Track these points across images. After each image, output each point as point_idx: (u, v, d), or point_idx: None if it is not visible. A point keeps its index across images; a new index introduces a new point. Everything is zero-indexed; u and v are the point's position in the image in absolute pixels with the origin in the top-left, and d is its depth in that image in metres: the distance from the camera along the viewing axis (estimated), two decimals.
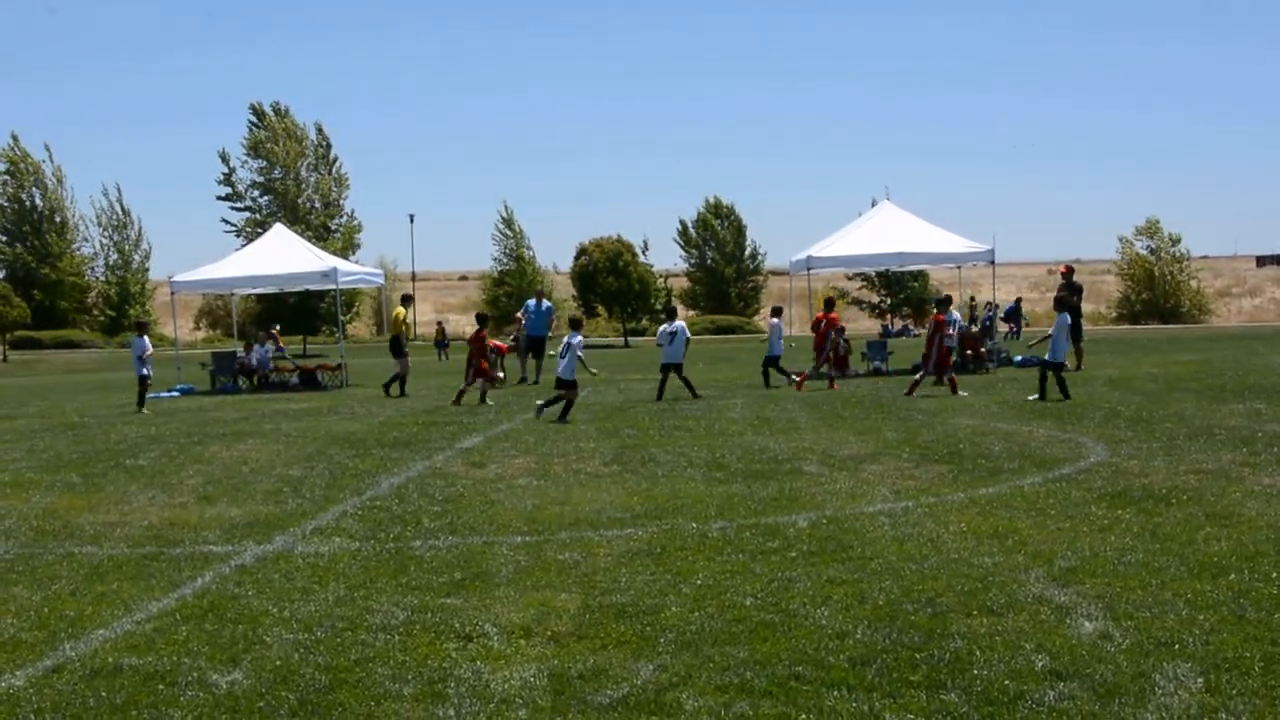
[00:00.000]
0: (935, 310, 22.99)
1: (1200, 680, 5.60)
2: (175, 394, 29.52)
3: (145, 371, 24.40)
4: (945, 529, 9.26)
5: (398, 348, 26.72)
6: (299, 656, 6.47)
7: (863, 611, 6.98)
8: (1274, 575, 7.47)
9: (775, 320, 26.22)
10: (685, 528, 9.70)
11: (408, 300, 29.43)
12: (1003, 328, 49.79)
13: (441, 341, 53.16)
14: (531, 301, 31.17)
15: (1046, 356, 19.90)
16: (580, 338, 19.97)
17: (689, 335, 23.44)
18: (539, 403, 19.58)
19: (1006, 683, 5.66)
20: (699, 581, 7.84)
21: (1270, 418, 15.99)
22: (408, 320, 27.35)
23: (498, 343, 25.81)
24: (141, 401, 24.09)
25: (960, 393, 20.78)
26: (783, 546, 8.81)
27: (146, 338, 25.80)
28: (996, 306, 48.69)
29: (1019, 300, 59.13)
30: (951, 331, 23.22)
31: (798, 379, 23.89)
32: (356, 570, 8.54)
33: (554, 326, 29.17)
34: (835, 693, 5.62)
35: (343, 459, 14.81)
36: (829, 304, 26.63)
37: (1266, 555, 8.01)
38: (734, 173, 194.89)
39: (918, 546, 8.66)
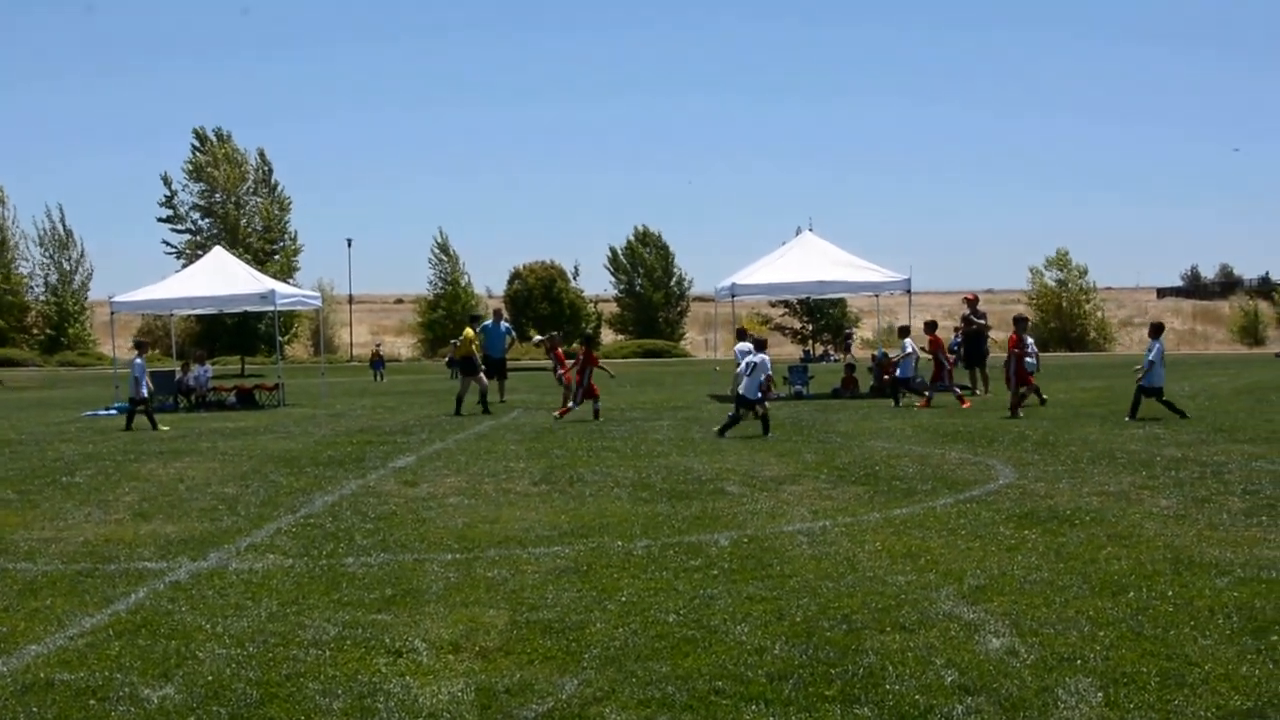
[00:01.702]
0: (1014, 330, 22.71)
1: (1100, 694, 5.82)
2: (113, 412, 29.29)
3: (145, 392, 24.11)
4: (861, 548, 9.51)
5: (470, 367, 26.59)
6: (231, 671, 6.54)
7: (781, 628, 7.18)
8: (1170, 593, 7.76)
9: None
10: (611, 546, 9.89)
11: (476, 320, 29.37)
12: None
13: (378, 363, 53.01)
14: (489, 322, 31.21)
15: (1142, 382, 20.50)
16: (765, 357, 19.77)
17: (769, 372, 20.68)
18: (718, 427, 19.37)
19: (917, 697, 5.84)
20: (623, 598, 8.01)
21: (1168, 442, 16.58)
22: (477, 341, 27.12)
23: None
24: (154, 422, 23.65)
25: (1019, 413, 20.90)
26: (705, 564, 9.02)
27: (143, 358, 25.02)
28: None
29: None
30: (1029, 352, 23.26)
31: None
32: (289, 587, 8.63)
33: (510, 347, 29.24)
34: (753, 707, 5.77)
35: (278, 477, 14.87)
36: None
37: (1163, 574, 8.32)
38: (662, 198, 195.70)
39: (834, 565, 8.89)
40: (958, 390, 25.52)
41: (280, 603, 8.13)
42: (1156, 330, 21.49)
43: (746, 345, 19.97)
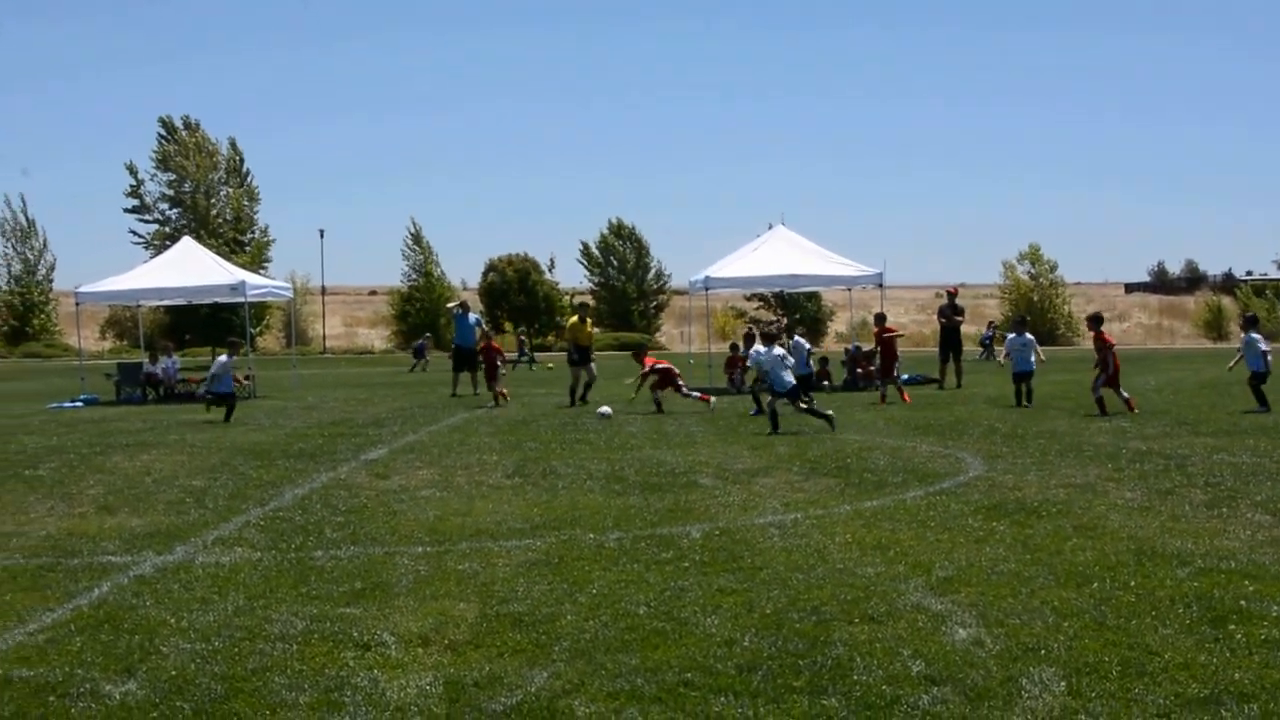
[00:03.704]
0: (1097, 329, 21.71)
1: (1063, 684, 5.86)
2: (79, 404, 29.11)
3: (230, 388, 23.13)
4: (831, 540, 9.55)
5: (585, 356, 25.82)
6: (195, 666, 6.51)
7: (750, 620, 7.20)
8: (1133, 584, 7.82)
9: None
10: (583, 538, 9.89)
11: (584, 309, 28.88)
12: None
13: (420, 351, 51.31)
14: (459, 313, 30.97)
15: (1253, 369, 20.48)
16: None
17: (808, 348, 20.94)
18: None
19: (884, 688, 5.87)
20: (594, 591, 8.02)
21: (1134, 435, 16.73)
22: (581, 330, 26.28)
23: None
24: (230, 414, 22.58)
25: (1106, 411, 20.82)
26: (676, 557, 9.03)
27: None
28: (996, 326, 49.75)
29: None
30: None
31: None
32: (257, 580, 8.59)
33: (481, 338, 29.10)
34: (722, 699, 5.79)
35: (247, 470, 14.81)
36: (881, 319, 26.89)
37: (1126, 565, 8.39)
38: (638, 190, 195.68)
39: (805, 557, 8.92)
40: (884, 388, 25.16)
41: (247, 596, 8.10)
42: (1252, 322, 21.81)
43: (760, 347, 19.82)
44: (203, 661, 6.60)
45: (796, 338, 23.76)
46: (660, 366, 23.57)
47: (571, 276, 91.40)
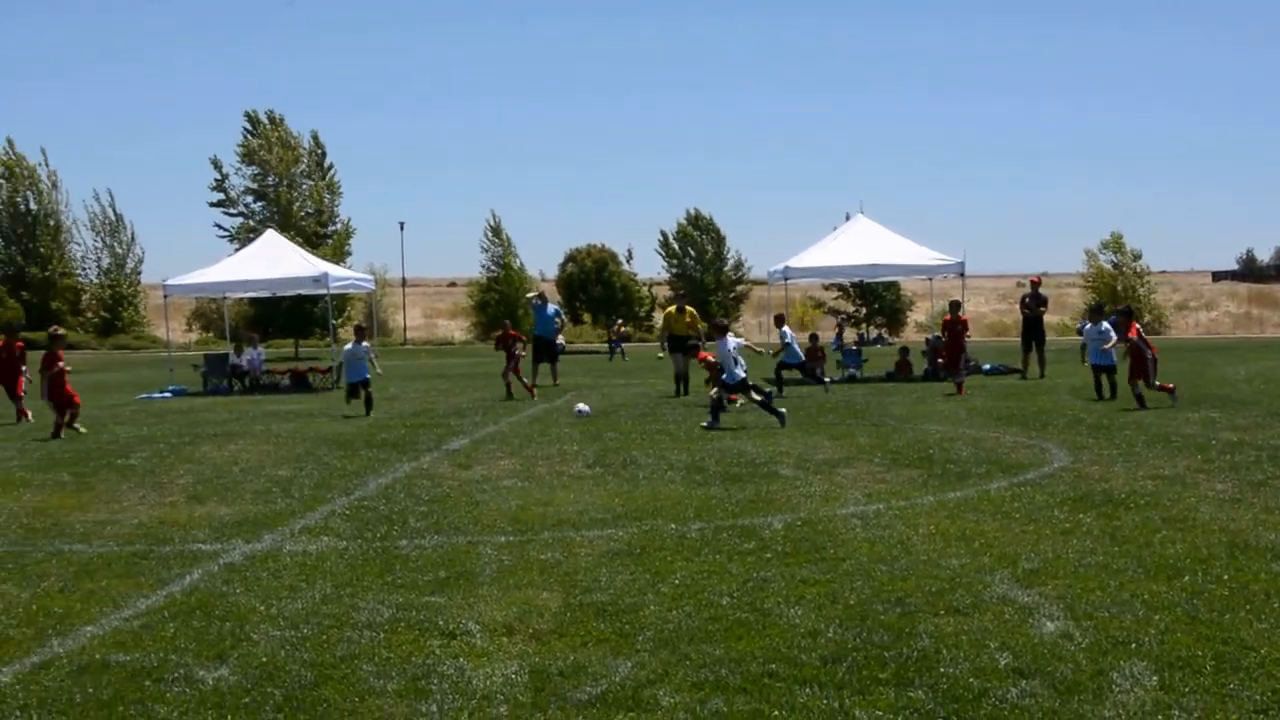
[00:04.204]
0: (1127, 322, 21.23)
1: (1155, 678, 5.78)
2: (168, 395, 29.62)
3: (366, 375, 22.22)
4: (915, 531, 9.48)
5: (679, 345, 25.70)
6: (285, 653, 6.60)
7: (834, 611, 7.17)
8: (1225, 577, 7.69)
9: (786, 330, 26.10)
10: (664, 529, 9.90)
11: (681, 299, 28.81)
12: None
13: (616, 341, 51.30)
14: (537, 303, 31.07)
15: None
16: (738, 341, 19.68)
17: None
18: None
19: (971, 680, 5.82)
20: (677, 581, 8.02)
21: (1224, 426, 16.38)
22: (681, 320, 26.07)
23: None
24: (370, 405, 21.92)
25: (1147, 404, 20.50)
26: (758, 547, 9.01)
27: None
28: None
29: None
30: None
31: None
32: (343, 569, 8.69)
33: (560, 329, 29.10)
34: (807, 690, 5.77)
35: (331, 460, 14.99)
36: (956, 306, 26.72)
37: (1219, 558, 8.24)
38: (716, 181, 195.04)
39: (888, 548, 8.87)
40: (961, 378, 24.79)
41: (334, 585, 8.20)
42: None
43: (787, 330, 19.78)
44: (292, 648, 6.69)
45: (784, 328, 24.76)
46: (712, 360, 23.39)
47: (649, 267, 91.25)
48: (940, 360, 28.65)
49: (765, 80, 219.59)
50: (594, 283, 75.88)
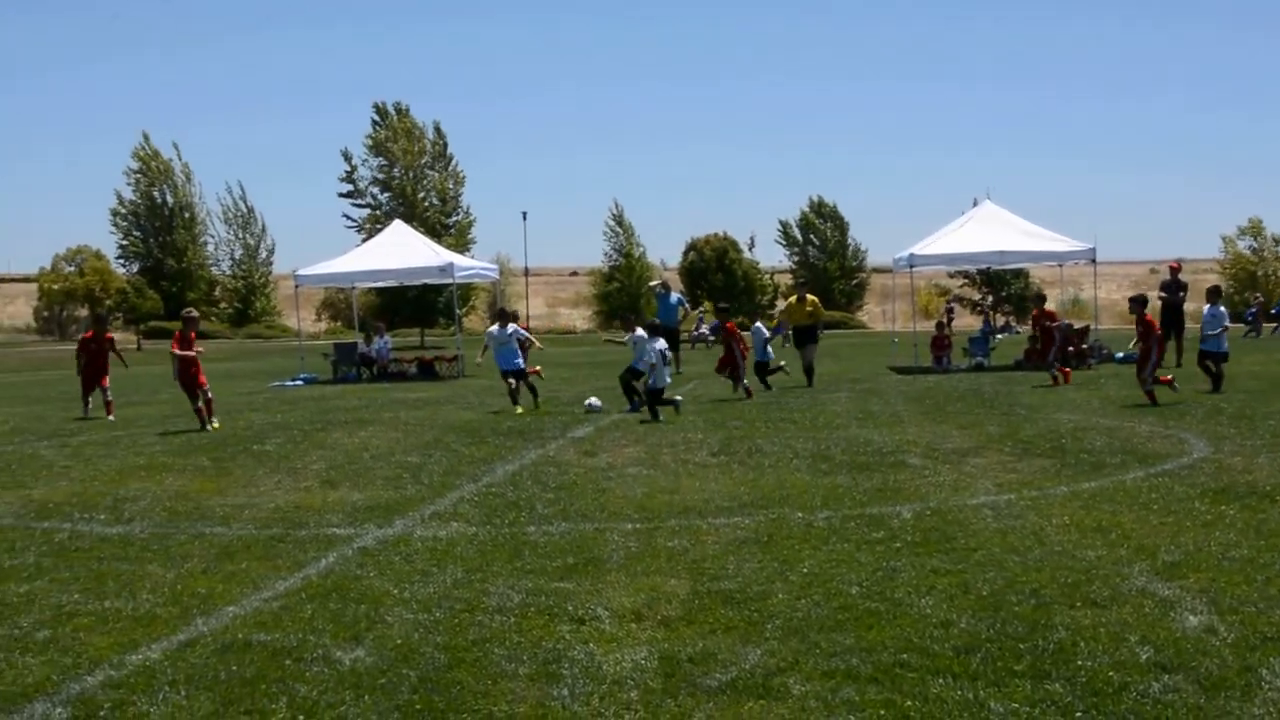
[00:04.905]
0: (1141, 311, 20.67)
1: None
2: (299, 383, 30.29)
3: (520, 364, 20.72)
4: (1048, 522, 9.29)
5: (802, 336, 25.35)
6: (419, 636, 6.71)
7: (967, 601, 7.06)
8: None
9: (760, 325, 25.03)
10: (791, 517, 9.84)
11: (802, 288, 28.84)
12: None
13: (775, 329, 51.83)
14: (661, 292, 31.13)
15: None
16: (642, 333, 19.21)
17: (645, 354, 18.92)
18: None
19: (1111, 674, 5.70)
20: (805, 569, 7.97)
21: None
22: (802, 310, 25.79)
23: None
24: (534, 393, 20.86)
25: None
26: (887, 537, 8.92)
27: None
28: (1263, 300, 48.13)
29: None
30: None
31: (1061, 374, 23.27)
32: (473, 554, 8.80)
33: (684, 318, 29.15)
34: (940, 680, 5.70)
35: (459, 447, 15.18)
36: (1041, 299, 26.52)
37: None
38: (836, 169, 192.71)
39: (1021, 539, 8.71)
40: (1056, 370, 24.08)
41: (465, 569, 8.29)
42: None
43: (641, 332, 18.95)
44: (425, 632, 6.79)
45: (758, 324, 24.48)
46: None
47: (770, 256, 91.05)
48: (1072, 349, 28.07)
49: (885, 68, 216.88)
50: (715, 271, 75.88)
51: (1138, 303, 19.82)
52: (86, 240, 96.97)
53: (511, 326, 20.65)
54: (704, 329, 53.89)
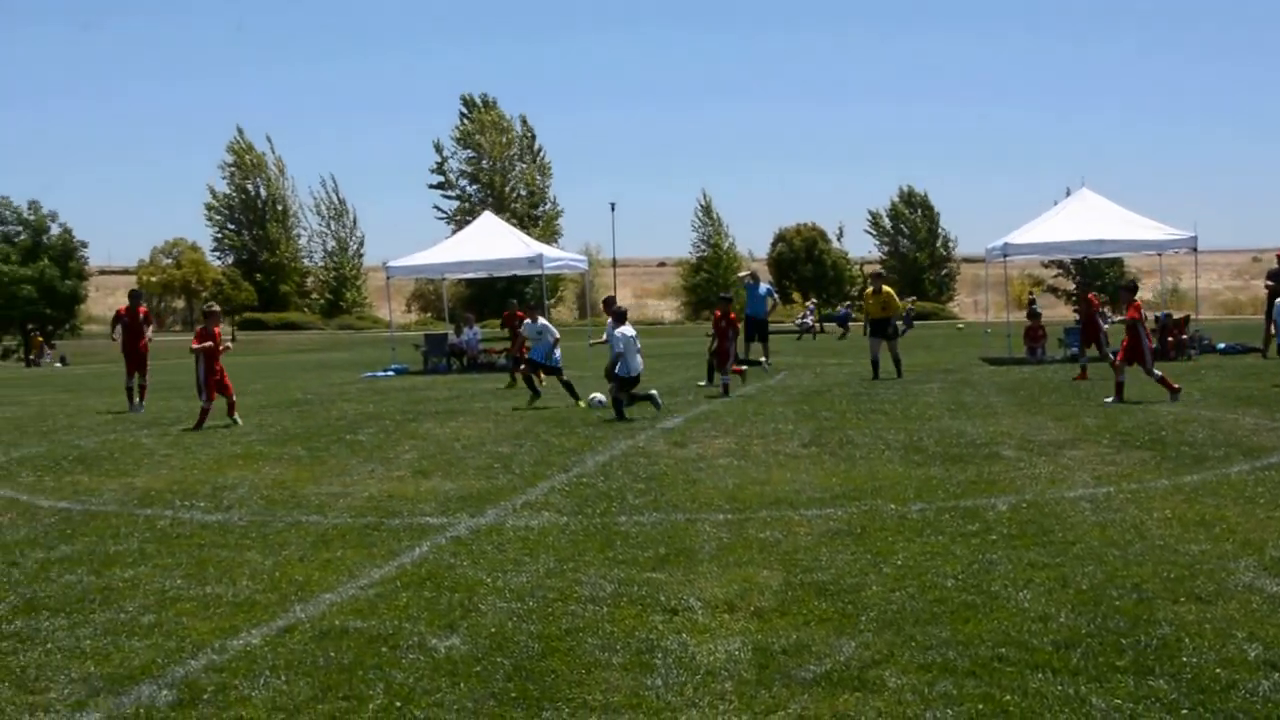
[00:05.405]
0: (1130, 300, 20.62)
1: None
2: (390, 373, 30.63)
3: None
4: (1149, 515, 9.11)
5: (876, 328, 24.84)
6: (512, 624, 6.74)
7: (1066, 596, 6.95)
8: None
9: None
10: (884, 509, 9.76)
11: (878, 280, 28.59)
12: None
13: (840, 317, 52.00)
14: (750, 283, 31.06)
15: None
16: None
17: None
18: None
19: (1218, 671, 5.58)
20: (899, 562, 7.90)
21: None
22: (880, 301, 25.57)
23: None
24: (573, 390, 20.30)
25: None
26: (982, 529, 8.80)
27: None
28: None
29: None
30: None
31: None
32: (565, 543, 8.82)
33: (773, 309, 29.11)
34: (1040, 675, 5.62)
35: (550, 437, 15.24)
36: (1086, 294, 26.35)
37: None
38: (926, 159, 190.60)
39: (1121, 532, 8.55)
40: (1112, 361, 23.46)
41: (557, 559, 8.32)
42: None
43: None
44: (519, 620, 6.82)
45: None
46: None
47: (860, 246, 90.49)
48: (1171, 338, 27.54)
49: (986, 51, 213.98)
50: (804, 261, 75.49)
51: (1127, 290, 19.42)
52: (184, 233, 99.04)
53: (541, 321, 20.86)
54: (808, 318, 53.81)
